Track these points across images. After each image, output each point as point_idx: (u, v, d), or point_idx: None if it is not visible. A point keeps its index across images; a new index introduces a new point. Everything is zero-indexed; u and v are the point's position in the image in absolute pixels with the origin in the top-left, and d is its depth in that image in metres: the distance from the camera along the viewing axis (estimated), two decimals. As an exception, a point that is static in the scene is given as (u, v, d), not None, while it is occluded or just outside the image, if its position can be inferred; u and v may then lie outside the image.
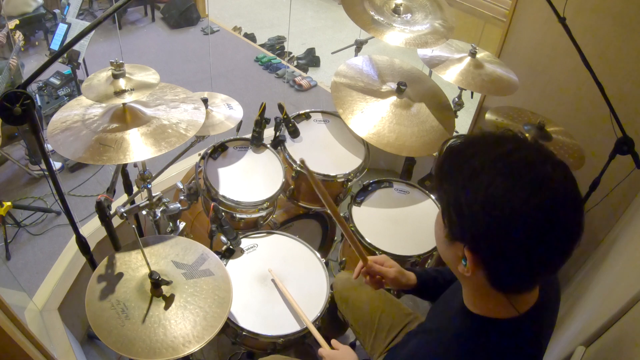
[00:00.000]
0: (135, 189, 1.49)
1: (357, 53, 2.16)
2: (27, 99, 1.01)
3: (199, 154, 1.77)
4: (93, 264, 1.42)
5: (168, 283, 1.23)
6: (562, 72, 2.10)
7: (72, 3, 3.03)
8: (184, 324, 1.18)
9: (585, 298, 1.53)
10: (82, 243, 1.36)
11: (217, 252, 1.45)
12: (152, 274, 1.18)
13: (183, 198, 1.68)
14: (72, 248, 2.05)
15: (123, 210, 1.38)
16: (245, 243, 1.65)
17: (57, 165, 2.90)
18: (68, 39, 2.80)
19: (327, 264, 1.68)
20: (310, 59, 4.77)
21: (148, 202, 1.46)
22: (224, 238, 1.55)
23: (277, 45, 4.89)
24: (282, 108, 1.87)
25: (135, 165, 1.40)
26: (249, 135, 1.84)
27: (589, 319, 1.27)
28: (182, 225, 1.66)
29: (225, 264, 1.56)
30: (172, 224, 1.62)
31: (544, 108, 2.11)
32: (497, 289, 0.75)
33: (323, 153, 1.91)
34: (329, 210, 1.18)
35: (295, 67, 4.60)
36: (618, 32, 1.86)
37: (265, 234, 1.72)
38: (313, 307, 1.49)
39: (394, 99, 1.85)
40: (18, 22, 2.90)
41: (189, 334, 1.16)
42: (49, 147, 1.37)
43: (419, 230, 1.78)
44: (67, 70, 3.21)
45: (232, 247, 1.56)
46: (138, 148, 1.22)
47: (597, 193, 1.74)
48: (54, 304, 1.88)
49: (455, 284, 1.01)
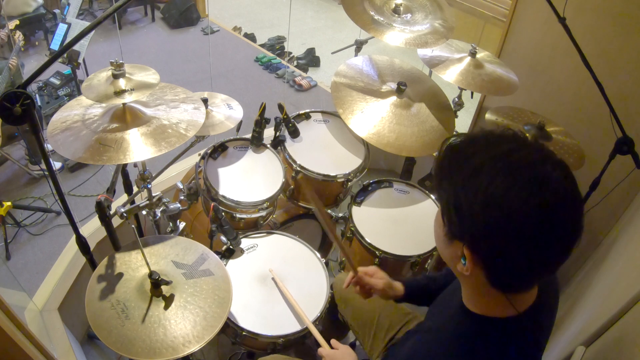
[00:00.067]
0: (135, 189, 1.49)
1: (357, 53, 2.16)
2: (27, 99, 1.01)
3: (199, 154, 1.77)
4: (93, 264, 1.42)
5: (168, 283, 1.23)
6: (562, 72, 2.10)
7: (72, 3, 3.03)
8: (184, 324, 1.18)
9: (585, 298, 1.53)
10: (82, 243, 1.36)
11: (217, 252, 1.45)
12: (152, 274, 1.18)
13: (183, 198, 1.68)
14: (72, 248, 2.05)
15: (123, 210, 1.38)
16: (245, 243, 1.65)
17: (57, 165, 2.90)
18: (68, 39, 2.80)
19: (327, 264, 1.68)
20: (310, 59, 4.77)
21: (148, 202, 1.46)
22: (224, 238, 1.55)
23: (277, 45, 4.89)
24: (282, 108, 1.87)
25: (135, 165, 1.40)
26: (249, 135, 1.84)
27: (589, 319, 1.27)
28: (182, 225, 1.66)
29: (225, 264, 1.56)
30: (172, 224, 1.62)
31: (544, 108, 2.11)
32: (496, 288, 0.75)
33: (323, 153, 1.91)
34: (325, 227, 1.22)
35: (295, 67, 4.60)
36: (618, 32, 1.86)
37: (265, 234, 1.72)
38: (313, 307, 1.49)
39: (394, 99, 1.85)
40: (18, 22, 2.90)
41: (189, 334, 1.16)
42: (49, 147, 1.36)
43: (419, 230, 1.78)
44: (67, 70, 3.21)
45: (232, 247, 1.56)
46: (138, 148, 1.22)
47: (597, 193, 1.74)
48: (54, 304, 1.89)
49: (454, 283, 1.01)
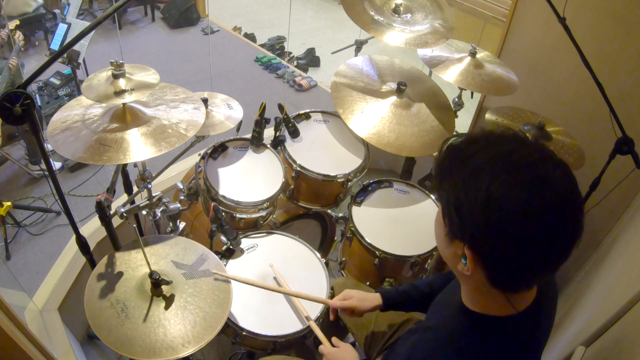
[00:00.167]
0: (135, 189, 1.49)
1: (357, 53, 2.16)
2: (27, 99, 1.01)
3: (199, 154, 1.77)
4: (93, 264, 1.42)
5: (168, 283, 1.23)
6: (562, 72, 2.10)
7: (72, 3, 3.03)
8: (184, 324, 1.18)
9: (585, 298, 1.53)
10: (82, 243, 1.36)
11: (217, 252, 1.45)
12: (152, 274, 1.18)
13: (183, 198, 1.68)
14: (72, 248, 2.05)
15: (123, 210, 1.38)
16: (245, 243, 1.65)
17: (57, 165, 2.91)
18: (68, 39, 2.80)
19: (327, 264, 1.68)
20: (310, 59, 4.77)
21: (148, 202, 1.46)
22: (224, 238, 1.55)
23: (277, 45, 4.89)
24: (282, 108, 1.87)
25: (135, 165, 1.40)
26: (249, 135, 1.83)
27: (589, 319, 1.27)
28: (182, 225, 1.66)
29: (225, 264, 1.56)
30: (172, 224, 1.62)
31: (544, 108, 2.11)
32: (496, 288, 0.75)
33: (323, 153, 1.91)
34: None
35: (295, 67, 4.60)
36: (618, 32, 1.86)
37: (265, 234, 1.72)
38: (313, 307, 1.49)
39: (394, 99, 1.85)
40: (18, 22, 2.90)
41: (189, 334, 1.16)
42: (49, 147, 1.36)
43: (419, 230, 1.78)
44: (67, 70, 3.21)
45: (232, 247, 1.56)
46: (138, 148, 1.22)
47: (597, 193, 1.74)
48: (54, 304, 1.89)
49: (454, 283, 1.02)
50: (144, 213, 1.50)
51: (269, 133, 1.89)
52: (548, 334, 0.90)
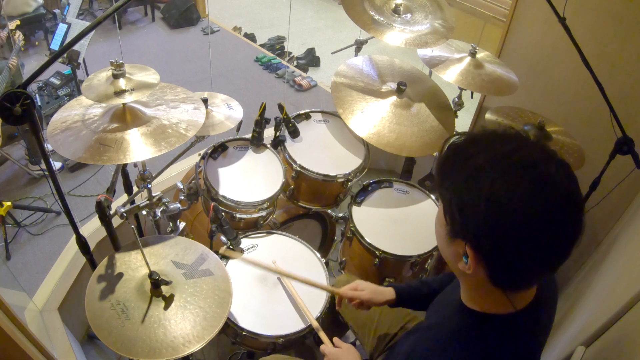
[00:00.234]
0: (135, 189, 1.49)
1: (357, 53, 2.16)
2: (27, 99, 1.01)
3: (199, 154, 1.77)
4: (93, 264, 1.42)
5: (168, 283, 1.23)
6: (562, 72, 2.10)
7: (72, 3, 3.03)
8: (184, 324, 1.18)
9: (585, 298, 1.53)
10: (82, 243, 1.36)
11: (217, 252, 1.45)
12: (151, 274, 1.18)
13: (183, 198, 1.68)
14: (72, 248, 2.05)
15: (123, 210, 1.38)
16: (245, 243, 1.65)
17: (57, 165, 2.90)
18: (68, 39, 2.80)
19: (327, 264, 1.68)
20: (310, 59, 4.77)
21: (148, 202, 1.46)
22: (224, 238, 1.55)
23: (277, 45, 4.89)
24: (282, 108, 1.87)
25: (135, 165, 1.40)
26: (249, 135, 1.83)
27: (589, 319, 1.27)
28: (182, 225, 1.66)
29: (225, 264, 1.56)
30: (172, 224, 1.62)
31: (544, 108, 2.11)
32: (496, 286, 0.75)
33: (323, 153, 1.91)
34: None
35: (295, 67, 4.60)
36: (618, 32, 1.86)
37: (265, 234, 1.72)
38: (313, 307, 1.49)
39: (394, 99, 1.85)
40: (19, 22, 2.90)
41: (189, 334, 1.16)
42: (49, 147, 1.36)
43: (419, 230, 1.78)
44: (67, 70, 3.21)
45: (232, 247, 1.56)
46: (138, 148, 1.22)
47: (597, 193, 1.74)
48: (54, 304, 1.89)
49: (454, 283, 1.02)
50: (144, 213, 1.50)
51: (269, 133, 1.89)
52: (548, 333, 0.91)
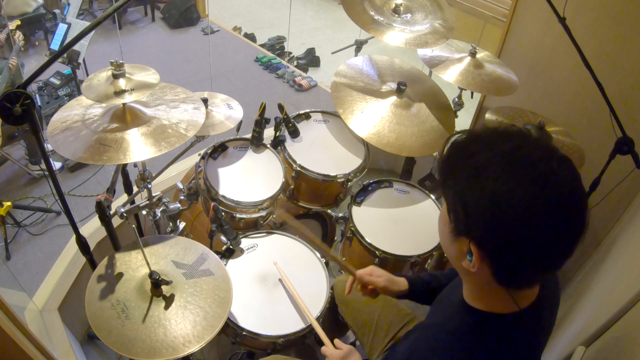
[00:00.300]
0: (135, 189, 1.49)
1: (357, 53, 2.16)
2: (27, 99, 1.01)
3: (199, 154, 1.77)
4: (93, 264, 1.42)
5: (168, 283, 1.23)
6: (562, 72, 2.10)
7: (72, 3, 3.03)
8: (184, 324, 1.18)
9: (585, 298, 1.53)
10: (82, 243, 1.36)
11: (217, 252, 1.45)
12: (152, 274, 1.18)
13: (183, 198, 1.68)
14: (72, 248, 2.05)
15: (123, 210, 1.38)
16: (245, 243, 1.65)
17: (57, 165, 2.90)
18: (68, 39, 2.80)
19: (327, 264, 1.68)
20: (310, 59, 4.77)
21: (148, 202, 1.46)
22: (224, 238, 1.55)
23: (277, 45, 4.89)
24: (282, 108, 1.87)
25: (135, 165, 1.40)
26: (249, 135, 1.84)
27: (589, 319, 1.27)
28: (182, 225, 1.66)
29: (225, 264, 1.56)
30: (172, 224, 1.62)
31: (544, 108, 2.11)
32: (500, 284, 0.75)
33: (323, 153, 1.91)
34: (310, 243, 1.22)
35: (295, 67, 4.60)
36: (618, 32, 1.86)
37: (265, 234, 1.72)
38: (313, 307, 1.49)
39: (394, 99, 1.85)
40: (19, 22, 2.90)
41: (189, 334, 1.16)
42: (49, 147, 1.36)
43: (419, 230, 1.78)
44: (67, 70, 3.21)
45: (232, 247, 1.56)
46: (138, 148, 1.22)
47: (597, 193, 1.74)
48: (54, 304, 1.89)
49: (455, 281, 1.01)
50: (144, 213, 1.50)
51: (269, 133, 1.89)
52: (549, 333, 0.90)
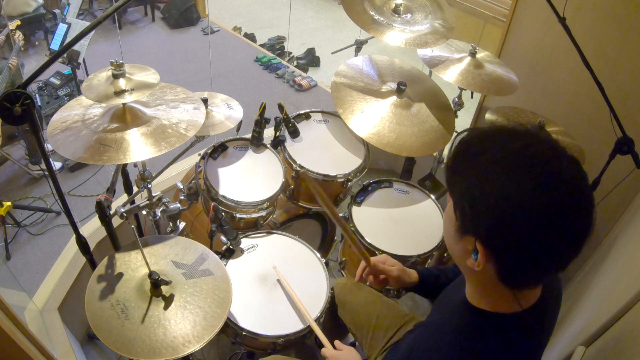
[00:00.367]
0: (135, 189, 1.49)
1: (357, 53, 2.16)
2: (27, 99, 1.01)
3: (199, 154, 1.77)
4: (93, 264, 1.42)
5: (168, 283, 1.23)
6: (562, 72, 2.10)
7: (72, 3, 3.03)
8: (184, 324, 1.18)
9: (585, 298, 1.53)
10: (82, 243, 1.36)
11: (217, 252, 1.45)
12: (151, 274, 1.18)
13: (183, 198, 1.67)
14: (72, 248, 2.05)
15: (123, 210, 1.38)
16: (245, 243, 1.65)
17: (57, 165, 2.91)
18: (68, 39, 2.80)
19: (327, 264, 1.68)
20: (310, 59, 4.77)
21: (148, 202, 1.46)
22: (224, 238, 1.55)
23: (277, 45, 4.89)
24: (282, 108, 1.87)
25: (135, 165, 1.40)
26: (249, 135, 1.84)
27: (589, 319, 1.27)
28: (182, 225, 1.66)
29: (225, 264, 1.56)
30: (172, 224, 1.62)
31: (544, 108, 2.11)
32: (505, 284, 0.75)
33: (323, 153, 1.91)
34: (333, 218, 1.20)
35: (295, 67, 4.60)
36: (618, 32, 1.86)
37: (265, 234, 1.72)
38: (313, 307, 1.49)
39: (394, 99, 1.85)
40: (19, 22, 2.90)
41: (189, 334, 1.16)
42: (49, 147, 1.37)
43: (419, 230, 1.78)
44: (67, 70, 3.21)
45: (232, 247, 1.56)
46: (138, 148, 1.22)
47: (597, 193, 1.73)
48: (54, 304, 1.89)
49: (457, 280, 1.01)
50: (144, 213, 1.50)
51: (269, 133, 1.89)
52: (550, 333, 0.90)
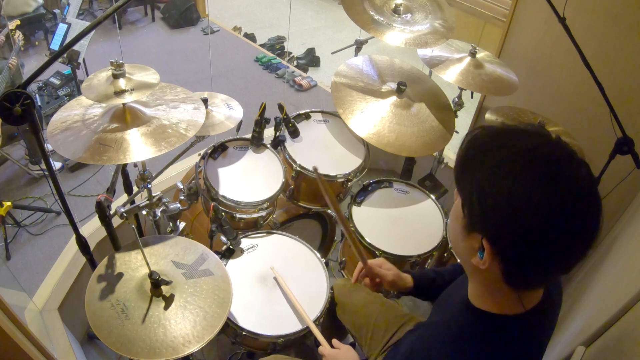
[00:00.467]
0: (135, 189, 1.49)
1: (357, 53, 2.16)
2: (27, 99, 1.01)
3: (199, 154, 1.77)
4: (93, 264, 1.42)
5: (168, 283, 1.23)
6: (562, 72, 2.10)
7: (72, 3, 3.03)
8: (184, 324, 1.18)
9: (585, 298, 1.53)
10: (82, 243, 1.36)
11: (217, 252, 1.45)
12: (151, 274, 1.18)
13: (183, 198, 1.68)
14: (72, 248, 2.05)
15: (123, 210, 1.38)
16: (245, 243, 1.65)
17: (57, 165, 2.90)
18: (68, 39, 2.80)
19: (327, 264, 1.68)
20: (310, 59, 4.77)
21: (148, 202, 1.46)
22: (224, 238, 1.55)
23: (277, 45, 4.89)
24: (282, 108, 1.87)
25: (135, 165, 1.40)
26: (249, 135, 1.84)
27: (589, 319, 1.27)
28: (182, 225, 1.66)
29: (225, 264, 1.56)
30: (172, 224, 1.62)
31: (544, 108, 2.11)
32: (509, 284, 0.75)
33: (323, 153, 1.91)
34: (336, 215, 1.20)
35: (295, 67, 4.60)
36: (618, 32, 1.86)
37: (265, 234, 1.72)
38: (313, 307, 1.49)
39: (394, 99, 1.85)
40: (19, 22, 2.90)
41: (189, 334, 1.16)
42: (49, 147, 1.37)
43: (419, 230, 1.78)
44: (67, 70, 3.21)
45: (232, 247, 1.56)
46: (138, 148, 1.22)
47: (597, 193, 1.73)
48: (54, 304, 1.89)
49: (458, 281, 1.01)
50: (144, 213, 1.50)
51: (269, 133, 1.89)
52: (552, 332, 0.90)
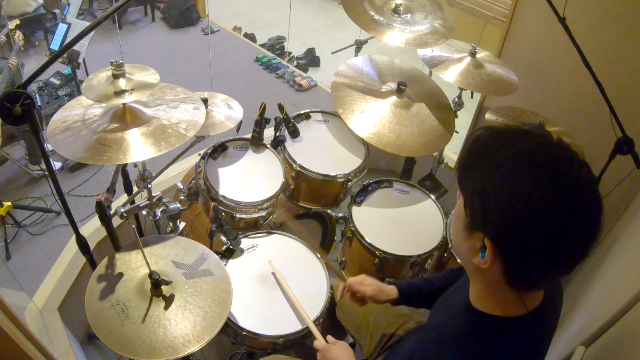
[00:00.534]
0: (135, 189, 1.49)
1: (357, 53, 2.16)
2: (27, 99, 1.01)
3: (199, 154, 1.77)
4: (93, 264, 1.42)
5: (168, 283, 1.23)
6: (562, 72, 2.10)
7: (72, 3, 3.03)
8: (184, 324, 1.18)
9: (585, 298, 1.53)
10: (82, 243, 1.36)
11: (217, 252, 1.45)
12: (152, 274, 1.19)
13: (183, 198, 1.68)
14: (72, 248, 2.05)
15: (123, 210, 1.38)
16: (245, 243, 1.65)
17: (57, 165, 2.91)
18: (68, 39, 2.80)
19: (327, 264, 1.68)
20: (310, 59, 4.77)
21: (148, 202, 1.46)
22: (224, 238, 1.55)
23: (277, 45, 4.89)
24: (282, 108, 1.87)
25: (135, 165, 1.40)
26: (249, 135, 1.84)
27: (589, 319, 1.27)
28: (182, 225, 1.66)
29: (225, 264, 1.56)
30: (172, 224, 1.62)
31: (544, 108, 2.11)
32: (510, 285, 0.75)
33: (323, 153, 1.91)
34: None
35: (295, 67, 4.60)
36: (618, 32, 1.86)
37: (265, 234, 1.72)
38: (313, 307, 1.49)
39: (394, 99, 1.85)
40: (19, 22, 2.90)
41: (189, 334, 1.16)
42: (49, 147, 1.36)
43: (419, 230, 1.78)
44: (67, 70, 3.21)
45: (232, 247, 1.56)
46: (138, 148, 1.22)
47: (597, 193, 1.74)
48: (54, 304, 1.89)
49: (458, 284, 1.01)
50: (144, 213, 1.50)
51: (269, 133, 1.89)
52: (553, 334, 0.90)
